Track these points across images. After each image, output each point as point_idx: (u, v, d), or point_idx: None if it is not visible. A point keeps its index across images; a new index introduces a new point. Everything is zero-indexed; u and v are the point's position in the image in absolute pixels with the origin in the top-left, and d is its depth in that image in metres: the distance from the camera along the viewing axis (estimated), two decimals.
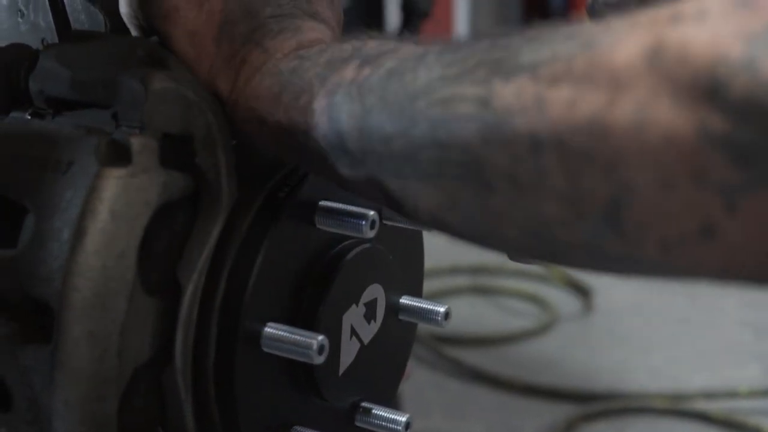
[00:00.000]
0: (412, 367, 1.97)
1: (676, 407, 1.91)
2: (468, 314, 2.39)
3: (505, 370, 2.06)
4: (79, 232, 0.62)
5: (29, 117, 0.70)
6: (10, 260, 0.64)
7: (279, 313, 0.73)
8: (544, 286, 2.56)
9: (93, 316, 0.63)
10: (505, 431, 1.86)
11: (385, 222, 0.79)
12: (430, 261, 0.92)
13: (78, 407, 0.64)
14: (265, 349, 0.72)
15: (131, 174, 0.64)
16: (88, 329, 0.63)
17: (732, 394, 1.94)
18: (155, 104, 0.66)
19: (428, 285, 0.93)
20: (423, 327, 1.02)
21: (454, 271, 2.61)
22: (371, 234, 0.75)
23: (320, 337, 0.71)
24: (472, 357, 2.12)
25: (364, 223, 0.74)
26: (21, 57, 0.70)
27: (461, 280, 2.57)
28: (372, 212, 0.74)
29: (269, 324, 0.72)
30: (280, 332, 0.71)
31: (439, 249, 0.95)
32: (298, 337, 0.71)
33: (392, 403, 0.86)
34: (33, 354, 0.64)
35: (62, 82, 0.68)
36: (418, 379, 2.00)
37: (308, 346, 0.71)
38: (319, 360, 0.71)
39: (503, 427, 1.87)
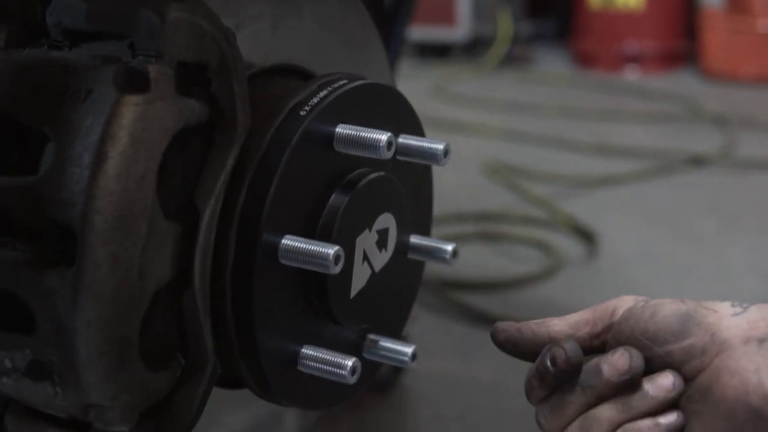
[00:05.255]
0: (417, 311, 1.99)
1: None
2: (474, 260, 2.40)
3: (511, 314, 2.08)
4: (99, 157, 0.64)
5: (47, 49, 0.71)
6: (32, 186, 0.66)
7: (296, 229, 0.75)
8: (549, 232, 2.58)
9: (115, 239, 0.65)
10: (511, 371, 1.87)
11: (398, 157, 0.81)
12: (436, 208, 0.93)
13: (101, 328, 0.66)
14: (283, 261, 0.74)
15: (149, 101, 0.65)
16: (110, 251, 0.65)
17: None
18: (171, 34, 0.67)
19: (434, 232, 0.94)
20: (429, 273, 1.04)
21: (460, 218, 2.63)
22: (388, 155, 0.77)
23: (336, 247, 0.73)
24: (478, 302, 2.14)
25: (381, 144, 0.76)
26: None
27: (467, 227, 2.59)
28: (388, 134, 0.76)
29: (287, 236, 0.74)
30: (297, 243, 0.74)
31: (444, 196, 0.97)
32: (315, 248, 0.73)
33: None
34: (56, 277, 0.66)
35: (79, 13, 0.70)
36: (424, 323, 2.02)
37: (325, 257, 0.73)
38: (335, 270, 0.73)
39: (509, 367, 1.88)
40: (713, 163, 3.17)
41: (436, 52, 5.14)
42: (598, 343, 0.78)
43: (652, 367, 0.74)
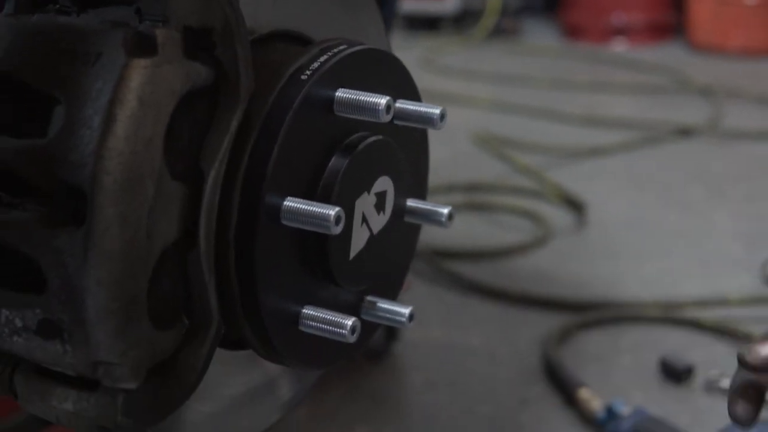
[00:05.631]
0: (411, 280, 2.01)
1: (668, 315, 1.95)
2: (464, 230, 2.42)
3: (502, 282, 2.10)
4: (109, 119, 0.65)
5: (55, 14, 0.72)
6: (42, 148, 0.68)
7: (297, 191, 0.77)
8: (539, 202, 2.60)
9: (124, 199, 0.66)
10: (502, 339, 1.90)
11: (396, 122, 0.83)
12: None
13: (110, 286, 0.67)
14: (285, 222, 0.76)
15: (157, 64, 0.67)
16: (119, 211, 0.66)
17: (723, 302, 1.99)
18: None
19: None
20: (421, 242, 1.06)
21: (451, 188, 2.65)
22: (387, 118, 0.78)
23: (337, 208, 0.75)
24: (469, 271, 2.16)
25: (380, 107, 0.77)
26: None
27: (457, 197, 2.61)
28: (387, 98, 0.78)
29: (289, 198, 0.76)
30: (299, 205, 0.75)
31: (435, 167, 0.99)
32: (316, 209, 0.75)
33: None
34: (66, 237, 0.67)
35: None
36: (417, 292, 2.04)
37: (326, 218, 0.75)
38: (336, 230, 0.75)
39: (500, 335, 1.91)
40: (700, 134, 3.19)
41: (425, 24, 5.14)
42: None
43: None
